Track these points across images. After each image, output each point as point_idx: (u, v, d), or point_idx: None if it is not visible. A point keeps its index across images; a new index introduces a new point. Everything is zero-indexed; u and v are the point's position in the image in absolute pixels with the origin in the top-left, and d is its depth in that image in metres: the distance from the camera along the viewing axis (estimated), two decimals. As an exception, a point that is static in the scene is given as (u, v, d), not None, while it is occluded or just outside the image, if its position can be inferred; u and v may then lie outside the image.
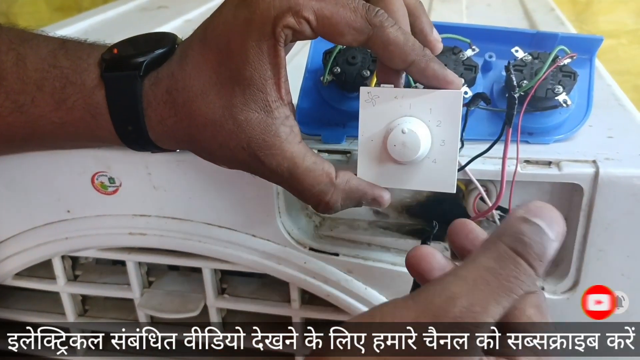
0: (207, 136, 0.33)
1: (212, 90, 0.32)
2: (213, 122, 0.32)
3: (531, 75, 0.38)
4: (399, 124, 0.31)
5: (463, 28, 0.40)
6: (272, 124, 0.32)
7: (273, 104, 0.32)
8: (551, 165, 0.37)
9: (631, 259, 0.38)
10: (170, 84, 0.33)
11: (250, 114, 0.32)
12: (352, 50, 0.40)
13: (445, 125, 0.31)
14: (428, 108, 0.31)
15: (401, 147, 0.30)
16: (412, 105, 0.31)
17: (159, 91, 0.33)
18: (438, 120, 0.31)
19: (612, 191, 0.36)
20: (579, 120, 0.40)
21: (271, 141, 0.32)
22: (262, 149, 0.32)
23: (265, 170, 0.33)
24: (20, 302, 0.53)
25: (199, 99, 0.32)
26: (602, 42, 0.40)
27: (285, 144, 0.32)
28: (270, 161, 0.32)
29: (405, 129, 0.30)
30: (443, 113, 0.31)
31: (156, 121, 0.33)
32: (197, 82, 0.32)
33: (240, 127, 0.32)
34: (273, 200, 0.40)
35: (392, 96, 0.31)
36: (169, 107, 0.33)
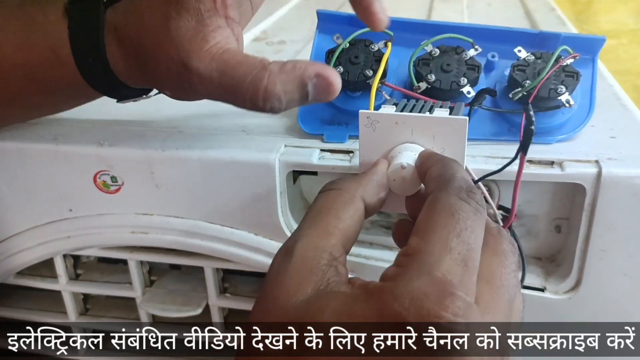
0: (148, 51, 0.32)
1: (155, 3, 0.32)
2: (152, 34, 0.32)
3: (534, 75, 0.38)
4: (399, 155, 0.29)
5: (466, 28, 0.40)
6: (201, 30, 0.31)
7: (205, 12, 0.31)
8: (554, 165, 0.37)
9: (633, 259, 0.38)
10: (127, 6, 0.33)
11: (181, 22, 0.31)
12: (355, 50, 0.40)
13: (450, 152, 0.29)
14: (431, 135, 0.29)
15: (401, 182, 0.29)
16: (414, 131, 0.29)
17: (117, 15, 0.33)
18: (442, 147, 0.29)
19: (614, 191, 0.36)
20: (581, 120, 0.40)
21: (197, 45, 0.31)
22: (188, 53, 0.31)
23: (194, 78, 0.31)
24: (21, 301, 0.53)
25: (145, 15, 0.32)
26: (604, 42, 0.40)
27: (215, 47, 0.31)
28: (196, 65, 0.31)
29: (405, 164, 0.29)
30: (447, 140, 0.29)
31: (115, 48, 0.33)
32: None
33: (170, 35, 0.31)
34: (276, 198, 0.40)
35: (392, 122, 0.30)
36: (124, 29, 0.33)
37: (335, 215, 0.26)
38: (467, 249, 0.23)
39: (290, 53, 0.66)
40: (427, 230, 0.24)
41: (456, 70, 0.38)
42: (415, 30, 0.41)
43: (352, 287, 0.24)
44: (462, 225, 0.23)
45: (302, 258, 0.24)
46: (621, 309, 0.39)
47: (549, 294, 0.40)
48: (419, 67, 0.39)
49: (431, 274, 0.22)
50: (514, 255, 0.26)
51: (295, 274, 0.24)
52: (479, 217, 0.24)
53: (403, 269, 0.23)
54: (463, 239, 0.23)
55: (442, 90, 0.38)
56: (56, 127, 0.45)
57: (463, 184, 0.25)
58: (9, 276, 0.49)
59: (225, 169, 0.40)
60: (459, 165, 0.27)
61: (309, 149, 0.40)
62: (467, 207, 0.24)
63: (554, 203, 0.41)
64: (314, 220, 0.26)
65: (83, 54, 0.33)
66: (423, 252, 0.23)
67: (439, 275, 0.22)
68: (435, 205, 0.25)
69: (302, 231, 0.26)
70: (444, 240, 0.23)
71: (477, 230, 0.24)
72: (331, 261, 0.24)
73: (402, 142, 0.30)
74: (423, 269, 0.22)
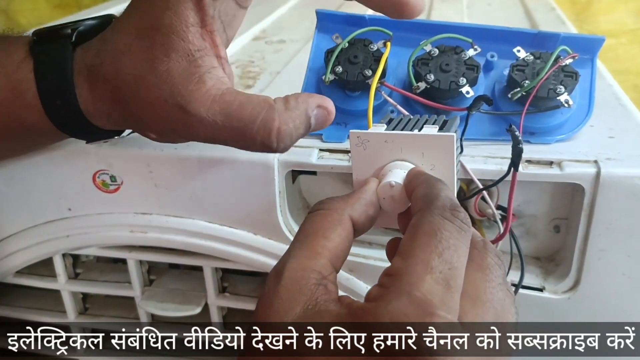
0: (130, 94, 0.31)
1: (135, 44, 0.30)
2: (136, 78, 0.30)
3: (533, 75, 0.38)
4: (389, 174, 0.29)
5: (465, 28, 0.40)
6: (195, 72, 0.30)
7: (196, 53, 0.30)
8: (553, 165, 0.37)
9: (632, 259, 0.38)
10: (100, 46, 0.32)
11: (170, 64, 0.30)
12: (354, 50, 0.40)
13: (440, 169, 0.29)
14: (420, 152, 0.29)
15: (391, 201, 0.29)
16: (403, 149, 0.29)
17: (88, 56, 0.32)
18: (432, 164, 0.30)
19: (613, 191, 0.36)
20: (580, 120, 0.40)
21: (195, 87, 0.30)
22: (185, 96, 0.30)
23: (195, 122, 0.30)
24: (20, 300, 0.53)
25: (124, 56, 0.31)
26: (604, 42, 0.40)
27: (213, 89, 0.30)
28: (197, 108, 0.30)
29: (393, 182, 0.29)
30: (436, 157, 0.29)
31: (87, 89, 0.32)
32: (123, 39, 0.31)
33: (160, 78, 0.30)
34: (275, 198, 0.40)
35: (382, 140, 0.30)
36: (98, 70, 0.31)
37: (324, 235, 0.26)
38: (449, 268, 0.23)
39: (290, 52, 0.66)
40: (409, 250, 0.24)
41: (455, 70, 0.38)
42: (414, 30, 0.41)
43: (340, 306, 0.24)
44: (444, 244, 0.23)
45: (291, 279, 0.24)
46: (620, 308, 0.39)
47: (548, 293, 0.40)
48: (418, 67, 0.39)
49: (411, 294, 0.22)
50: (500, 268, 0.26)
51: (284, 295, 0.24)
52: (462, 235, 0.24)
53: (385, 289, 0.23)
54: (445, 258, 0.23)
55: (441, 90, 0.38)
56: (55, 127, 0.45)
57: (447, 203, 0.25)
58: (8, 275, 0.49)
59: (224, 168, 0.40)
60: (443, 185, 0.27)
61: (307, 148, 0.40)
62: (450, 225, 0.24)
63: (553, 203, 0.41)
64: (303, 242, 0.26)
65: (50, 96, 0.32)
66: (404, 272, 0.23)
67: (419, 295, 0.22)
68: (418, 225, 0.25)
69: (291, 253, 0.26)
70: (425, 260, 0.23)
71: (460, 248, 0.24)
72: (320, 280, 0.24)
73: (392, 160, 0.30)
74: (403, 289, 0.22)
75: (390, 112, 0.41)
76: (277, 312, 0.24)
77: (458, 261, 0.24)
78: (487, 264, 0.25)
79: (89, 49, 0.32)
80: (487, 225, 0.42)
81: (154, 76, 0.30)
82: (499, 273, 0.25)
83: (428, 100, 0.38)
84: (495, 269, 0.25)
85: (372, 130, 0.31)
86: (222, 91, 0.30)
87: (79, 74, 0.32)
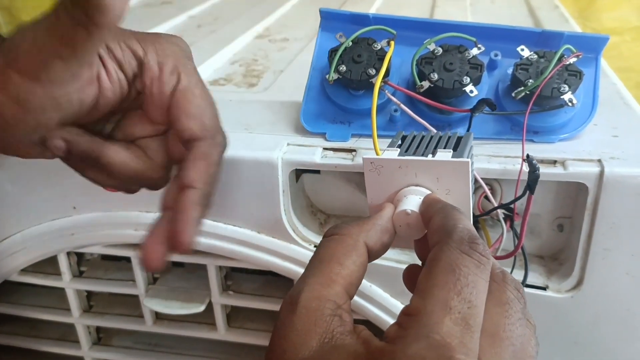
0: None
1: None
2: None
3: (537, 74, 0.38)
4: (404, 200, 0.29)
5: (469, 26, 0.40)
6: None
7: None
8: (556, 164, 0.37)
9: (636, 258, 0.38)
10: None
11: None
12: (357, 49, 0.40)
13: (455, 193, 0.29)
14: (435, 177, 0.29)
15: (406, 228, 0.29)
16: (417, 174, 0.29)
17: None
18: (447, 189, 0.29)
19: (617, 190, 0.36)
20: (584, 119, 0.40)
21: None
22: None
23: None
24: (25, 298, 0.54)
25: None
26: (607, 41, 0.40)
27: None
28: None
29: (409, 211, 0.29)
30: (451, 182, 0.29)
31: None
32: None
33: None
34: (278, 196, 0.40)
35: (396, 166, 0.30)
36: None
37: (338, 262, 0.26)
38: (468, 307, 0.23)
39: (294, 51, 0.66)
40: (427, 289, 0.23)
41: (459, 69, 0.38)
42: (418, 29, 0.41)
43: (356, 339, 0.24)
44: (462, 282, 0.23)
45: (306, 309, 0.24)
46: (623, 307, 0.39)
47: (551, 292, 0.40)
48: (422, 66, 0.39)
49: (429, 337, 0.22)
50: (519, 302, 0.25)
51: (300, 326, 0.24)
52: (481, 269, 0.24)
53: (403, 330, 0.23)
54: (464, 296, 0.23)
55: (444, 89, 0.38)
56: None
57: (465, 235, 0.25)
58: (13, 273, 0.49)
59: (228, 167, 0.40)
60: (460, 214, 0.27)
61: (311, 147, 0.40)
62: (468, 260, 0.24)
63: (556, 202, 0.41)
64: (317, 269, 0.26)
65: None
66: (423, 313, 0.23)
67: (438, 339, 0.21)
68: (435, 262, 0.24)
69: (305, 280, 0.25)
70: (443, 300, 0.23)
71: (479, 284, 0.24)
72: (335, 310, 0.24)
73: (407, 184, 0.30)
74: (422, 331, 0.22)
75: (394, 111, 0.41)
76: (294, 345, 0.23)
77: (477, 298, 0.23)
78: (506, 298, 0.25)
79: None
80: (490, 224, 0.42)
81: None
82: (518, 307, 0.25)
83: (432, 99, 0.38)
84: (515, 303, 0.25)
85: (385, 156, 0.30)
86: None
87: None
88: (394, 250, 0.44)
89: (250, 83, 0.57)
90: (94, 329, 0.54)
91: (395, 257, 0.43)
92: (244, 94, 0.54)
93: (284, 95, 0.50)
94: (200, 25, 0.80)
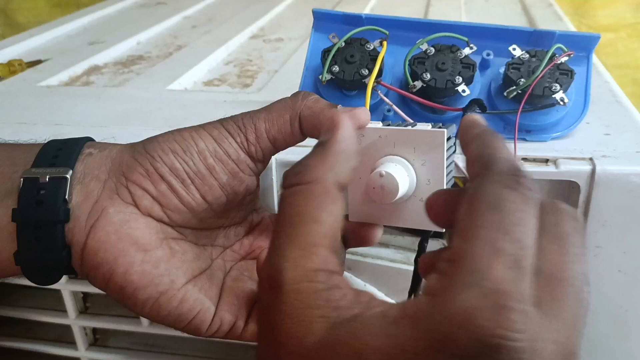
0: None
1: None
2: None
3: (528, 74, 0.38)
4: (380, 166, 0.30)
5: (461, 26, 0.40)
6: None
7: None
8: (548, 162, 0.37)
9: (628, 256, 0.38)
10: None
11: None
12: (350, 49, 0.40)
13: (430, 165, 0.30)
14: (412, 147, 0.30)
15: (380, 190, 0.29)
16: (396, 144, 0.30)
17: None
18: (422, 159, 0.30)
19: (608, 188, 0.36)
20: (576, 117, 0.40)
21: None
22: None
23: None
24: (22, 300, 0.54)
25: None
26: (599, 39, 0.40)
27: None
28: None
29: (383, 172, 0.29)
30: (426, 152, 0.29)
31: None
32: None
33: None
34: (273, 196, 0.41)
35: (376, 135, 0.30)
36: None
37: (313, 219, 0.23)
38: (519, 247, 0.20)
39: (288, 51, 0.66)
40: (470, 229, 0.21)
41: (451, 69, 0.39)
42: (410, 29, 0.41)
43: (370, 307, 0.21)
44: (510, 219, 0.20)
45: (295, 292, 0.21)
46: (616, 305, 0.40)
47: (545, 290, 0.40)
48: (414, 66, 0.39)
49: (480, 285, 0.19)
50: (577, 234, 0.22)
51: (294, 314, 0.21)
52: (530, 204, 0.21)
53: (448, 279, 0.20)
54: (513, 236, 0.20)
55: (437, 89, 0.38)
56: (54, 127, 0.45)
57: (506, 167, 0.22)
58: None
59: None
60: (498, 142, 0.24)
61: (305, 147, 0.40)
62: (513, 195, 0.21)
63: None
64: (291, 236, 0.23)
65: (32, 270, 0.31)
66: (468, 257, 0.20)
67: (489, 286, 0.19)
68: (477, 198, 0.21)
69: (282, 253, 0.22)
70: (490, 241, 0.20)
71: (529, 222, 0.21)
72: (328, 280, 0.21)
73: (386, 154, 0.30)
74: (471, 278, 0.19)
75: (387, 111, 0.41)
76: (294, 336, 0.21)
77: (528, 237, 0.21)
78: (561, 232, 0.22)
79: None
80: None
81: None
82: (577, 240, 0.22)
83: (424, 98, 0.39)
84: (573, 236, 0.22)
85: (368, 125, 0.31)
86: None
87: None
88: (388, 249, 0.44)
89: (244, 83, 0.57)
90: (91, 330, 0.54)
91: (390, 256, 0.43)
92: (238, 94, 0.54)
93: (278, 96, 0.50)
94: (195, 26, 0.80)
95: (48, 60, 0.66)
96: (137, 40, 0.74)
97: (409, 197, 0.30)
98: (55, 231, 0.30)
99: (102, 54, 0.68)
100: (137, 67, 0.64)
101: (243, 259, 0.35)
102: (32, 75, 0.61)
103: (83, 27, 0.84)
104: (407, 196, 0.30)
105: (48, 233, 0.30)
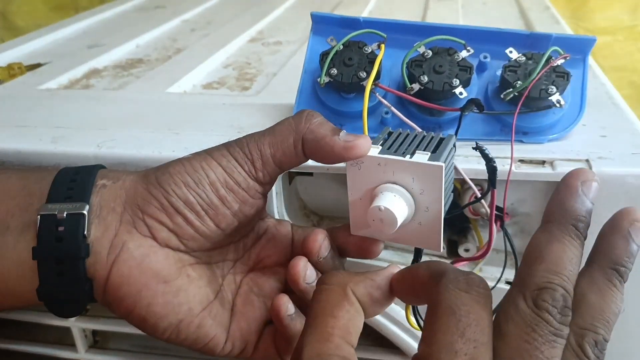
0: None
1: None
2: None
3: (525, 76, 0.38)
4: (379, 195, 0.31)
5: (458, 29, 0.41)
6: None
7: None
8: (545, 164, 0.38)
9: (624, 256, 0.38)
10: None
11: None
12: (348, 52, 0.40)
13: (428, 194, 0.30)
14: (410, 177, 0.30)
15: (379, 223, 0.30)
16: (395, 172, 0.31)
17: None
18: (421, 189, 0.30)
19: (605, 190, 0.36)
20: (572, 119, 0.40)
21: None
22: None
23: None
24: (21, 302, 0.54)
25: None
26: (595, 42, 0.40)
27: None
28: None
29: (382, 207, 0.30)
30: (425, 183, 0.30)
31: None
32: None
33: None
34: (272, 199, 0.41)
35: (375, 163, 0.31)
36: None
37: (331, 314, 0.26)
38: (474, 347, 0.22)
39: (286, 54, 0.67)
40: (431, 335, 0.23)
41: (448, 72, 0.39)
42: (408, 32, 0.42)
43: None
44: (464, 322, 0.23)
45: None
46: (613, 305, 0.40)
47: (542, 291, 0.40)
48: (412, 69, 0.39)
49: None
50: (548, 325, 0.23)
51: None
52: (482, 305, 0.23)
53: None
54: (468, 337, 0.22)
55: (434, 91, 0.39)
56: (54, 130, 0.45)
57: (458, 273, 0.24)
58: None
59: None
60: (444, 262, 0.27)
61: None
62: (467, 297, 0.23)
63: (546, 201, 0.41)
64: (313, 325, 0.26)
65: (55, 303, 0.32)
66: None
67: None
68: (435, 305, 0.24)
69: (305, 338, 0.26)
70: (448, 344, 0.22)
71: (482, 321, 0.23)
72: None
73: (385, 181, 0.31)
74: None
75: (385, 114, 0.41)
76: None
77: (483, 335, 0.23)
78: (528, 320, 0.23)
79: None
80: (481, 224, 0.43)
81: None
82: (544, 330, 0.23)
83: (422, 101, 0.39)
84: (539, 325, 0.23)
85: (368, 153, 0.31)
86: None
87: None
88: (389, 251, 0.44)
89: (243, 86, 0.57)
90: (90, 332, 0.54)
91: (389, 257, 0.43)
92: (237, 97, 0.54)
93: (277, 99, 0.51)
94: (194, 29, 0.80)
95: (48, 64, 0.67)
96: (137, 44, 0.75)
97: (408, 222, 0.31)
98: (78, 266, 0.31)
99: (102, 57, 0.68)
100: (136, 70, 0.64)
101: (251, 271, 0.37)
102: (32, 79, 0.61)
103: (82, 31, 0.84)
104: (406, 221, 0.31)
105: (70, 268, 0.31)
